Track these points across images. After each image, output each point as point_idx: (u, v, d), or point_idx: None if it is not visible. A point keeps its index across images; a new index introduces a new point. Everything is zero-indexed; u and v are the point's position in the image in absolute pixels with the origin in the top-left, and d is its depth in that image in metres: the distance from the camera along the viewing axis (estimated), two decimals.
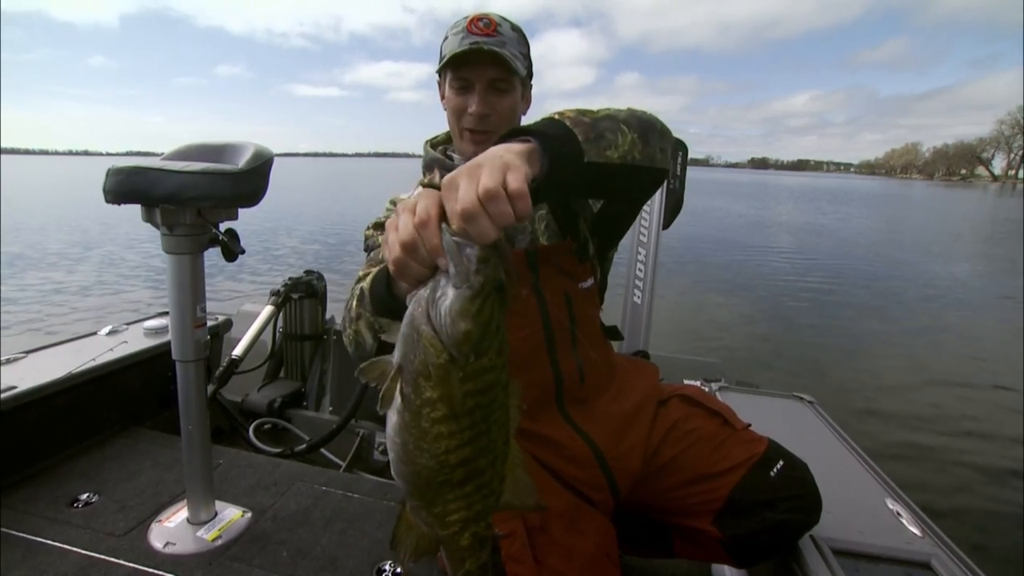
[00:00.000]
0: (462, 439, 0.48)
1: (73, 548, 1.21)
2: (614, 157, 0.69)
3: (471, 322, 0.45)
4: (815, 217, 19.32)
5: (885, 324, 5.76)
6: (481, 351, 0.46)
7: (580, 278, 1.00)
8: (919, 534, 1.05)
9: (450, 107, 0.98)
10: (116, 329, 1.94)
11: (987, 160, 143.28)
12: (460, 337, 0.45)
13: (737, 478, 0.94)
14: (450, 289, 0.45)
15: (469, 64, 0.92)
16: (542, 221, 0.99)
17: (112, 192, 1.07)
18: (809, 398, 1.67)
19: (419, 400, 0.47)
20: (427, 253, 0.48)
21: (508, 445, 0.53)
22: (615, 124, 0.71)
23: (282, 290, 2.21)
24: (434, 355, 0.46)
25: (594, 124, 0.68)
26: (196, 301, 1.18)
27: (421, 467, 0.49)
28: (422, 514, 0.53)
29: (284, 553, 1.24)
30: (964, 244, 13.21)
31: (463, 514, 0.52)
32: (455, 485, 0.50)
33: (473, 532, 0.54)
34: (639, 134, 0.73)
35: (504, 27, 0.94)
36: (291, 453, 1.79)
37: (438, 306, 0.46)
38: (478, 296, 0.45)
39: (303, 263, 8.16)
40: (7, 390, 1.42)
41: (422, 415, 0.47)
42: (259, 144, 1.17)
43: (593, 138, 0.67)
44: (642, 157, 0.73)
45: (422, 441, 0.48)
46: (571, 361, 0.97)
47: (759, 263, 9.08)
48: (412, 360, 0.47)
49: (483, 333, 0.45)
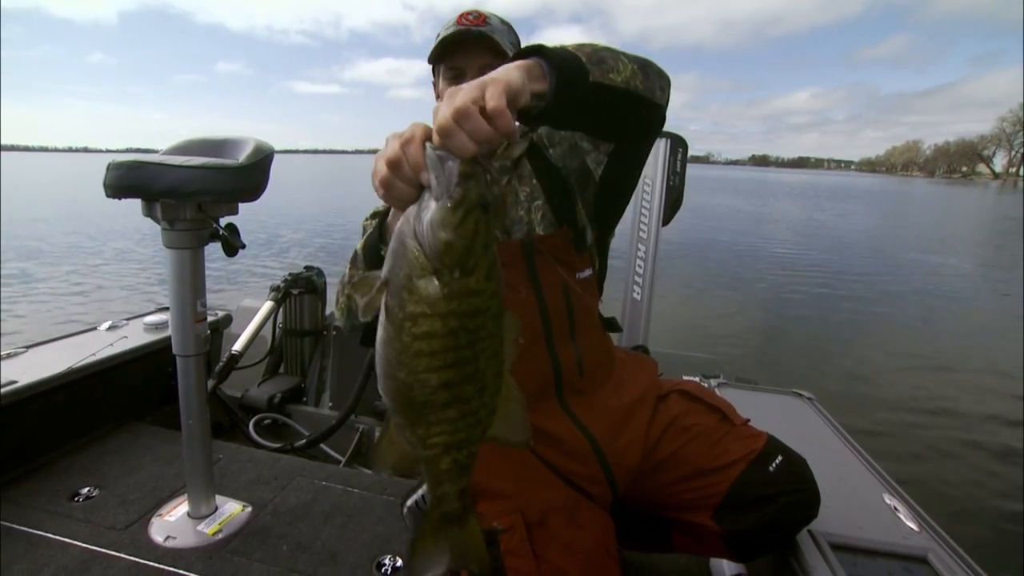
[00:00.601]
0: (445, 360, 0.48)
1: (74, 542, 1.22)
2: (617, 80, 0.70)
3: (452, 233, 0.45)
4: (815, 214, 19.33)
5: (884, 320, 5.77)
6: (466, 268, 0.46)
7: (578, 268, 1.00)
8: (916, 529, 1.05)
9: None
10: (116, 324, 1.94)
11: (988, 157, 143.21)
12: (442, 248, 0.45)
13: (736, 473, 0.95)
14: (432, 202, 0.46)
15: (459, 52, 0.93)
16: (538, 211, 0.99)
17: (112, 186, 1.07)
18: (808, 394, 1.67)
19: (402, 313, 0.47)
20: (411, 169, 0.49)
21: (500, 378, 0.52)
22: (615, 55, 0.72)
23: (282, 285, 2.21)
24: (418, 267, 0.46)
25: (595, 51, 0.69)
26: (196, 296, 1.18)
27: (400, 383, 0.50)
28: (406, 433, 0.54)
29: (284, 547, 1.24)
30: (963, 241, 13.22)
31: (445, 438, 0.53)
32: (438, 407, 0.50)
33: (454, 458, 0.54)
34: (639, 66, 0.74)
35: (493, 19, 0.95)
36: (291, 448, 1.80)
37: (421, 219, 0.46)
38: (459, 207, 0.45)
39: (303, 258, 8.18)
40: (8, 385, 1.42)
41: (404, 329, 0.47)
42: (259, 139, 1.17)
43: (596, 61, 0.68)
44: (643, 88, 0.74)
45: (403, 355, 0.48)
46: (570, 352, 0.97)
47: (758, 259, 9.09)
48: (398, 273, 0.47)
49: (467, 247, 0.45)
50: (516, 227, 0.98)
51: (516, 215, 0.99)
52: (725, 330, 5.21)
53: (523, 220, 0.98)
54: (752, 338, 5.03)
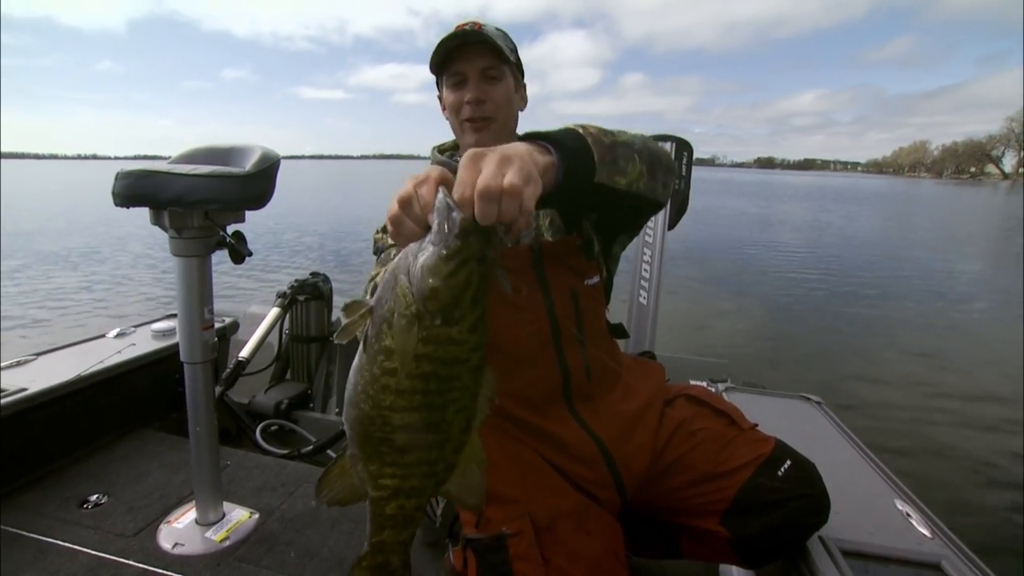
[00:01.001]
0: (410, 402, 0.48)
1: (83, 549, 1.22)
2: (621, 183, 0.73)
3: (441, 280, 0.45)
4: (821, 215, 19.23)
5: (894, 323, 5.72)
6: (450, 317, 0.46)
7: (586, 275, 1.00)
8: (929, 535, 1.04)
9: (448, 106, 1.00)
10: (124, 331, 1.95)
11: (997, 158, 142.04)
12: (428, 293, 0.45)
13: (744, 478, 0.94)
14: (430, 246, 0.46)
15: (460, 57, 0.96)
16: (547, 217, 0.99)
17: (121, 195, 1.08)
18: (816, 398, 1.66)
19: (377, 345, 0.47)
20: (420, 209, 0.50)
21: (467, 434, 0.52)
22: (630, 152, 0.74)
23: (288, 292, 2.22)
24: (403, 305, 0.46)
25: (612, 147, 0.71)
26: (204, 303, 1.19)
27: (363, 413, 0.49)
28: (358, 466, 0.53)
29: (292, 554, 1.24)
30: (974, 241, 13.09)
31: (396, 482, 0.52)
32: (395, 448, 0.50)
33: (401, 505, 0.54)
34: (647, 166, 0.76)
35: (489, 27, 0.97)
36: (298, 454, 1.80)
37: (417, 259, 0.47)
38: (453, 257, 0.45)
39: (309, 264, 8.21)
40: (18, 392, 1.43)
41: (376, 361, 0.47)
42: (266, 147, 1.18)
43: (608, 160, 0.70)
44: (645, 188, 0.77)
45: (369, 387, 0.48)
46: (578, 357, 0.98)
47: (765, 262, 9.05)
48: (383, 305, 0.48)
49: (454, 297, 0.45)
50: (524, 233, 0.99)
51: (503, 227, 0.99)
52: (732, 333, 5.18)
53: (531, 226, 0.99)
54: (759, 341, 5.00)
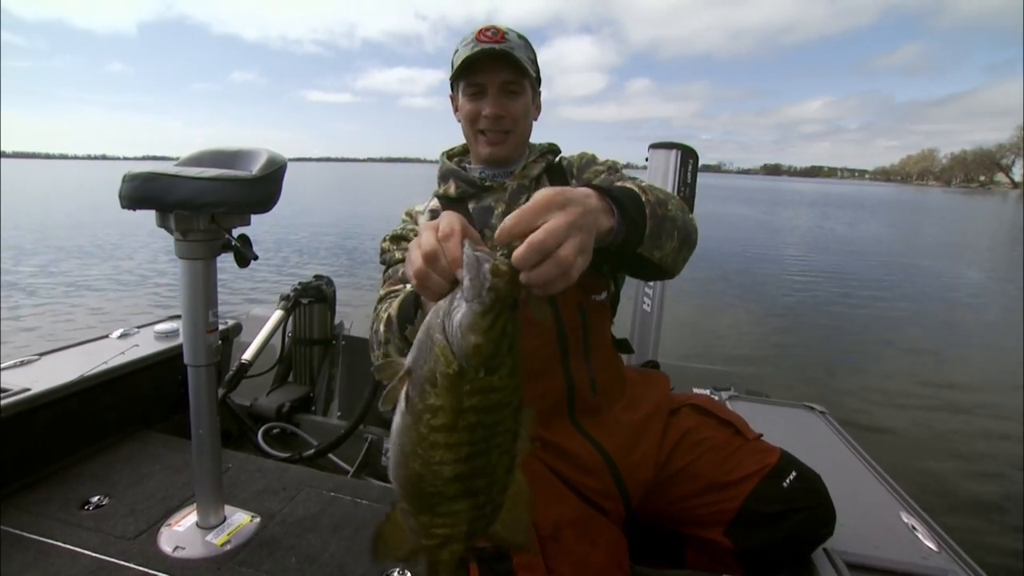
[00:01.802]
0: (459, 453, 0.48)
1: (84, 551, 1.22)
2: (655, 256, 0.74)
3: (482, 336, 0.45)
4: (826, 223, 19.19)
5: (899, 331, 5.70)
6: (492, 368, 0.46)
7: (594, 291, 1.00)
8: (935, 549, 1.03)
9: (464, 114, 1.00)
10: (128, 332, 1.96)
11: (1007, 166, 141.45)
12: (470, 350, 0.45)
13: (749, 488, 0.93)
14: (464, 303, 0.46)
15: (481, 69, 0.94)
16: None
17: (128, 198, 1.08)
18: (821, 408, 1.65)
19: (422, 405, 0.48)
20: (447, 264, 0.50)
21: (511, 475, 0.53)
22: (672, 228, 0.76)
23: (291, 295, 2.22)
24: (444, 364, 0.46)
25: (662, 221, 0.73)
26: (208, 306, 1.19)
27: (413, 472, 0.50)
28: (409, 520, 0.54)
29: (292, 559, 1.24)
30: (981, 251, 13.03)
31: (448, 531, 0.53)
32: (447, 499, 0.51)
33: (453, 550, 0.54)
34: (680, 242, 0.78)
35: (511, 35, 0.96)
36: (299, 458, 1.80)
37: (452, 317, 0.47)
38: (490, 312, 0.45)
39: (317, 264, 8.24)
40: (21, 392, 1.43)
41: (422, 420, 0.48)
42: (272, 150, 1.18)
43: (655, 234, 0.71)
44: (670, 263, 0.79)
45: (418, 446, 0.49)
46: (583, 371, 0.98)
47: (770, 269, 9.03)
48: (422, 366, 0.48)
49: (495, 349, 0.46)
50: None
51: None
52: (736, 341, 5.17)
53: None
54: (764, 349, 4.98)
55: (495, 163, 1.04)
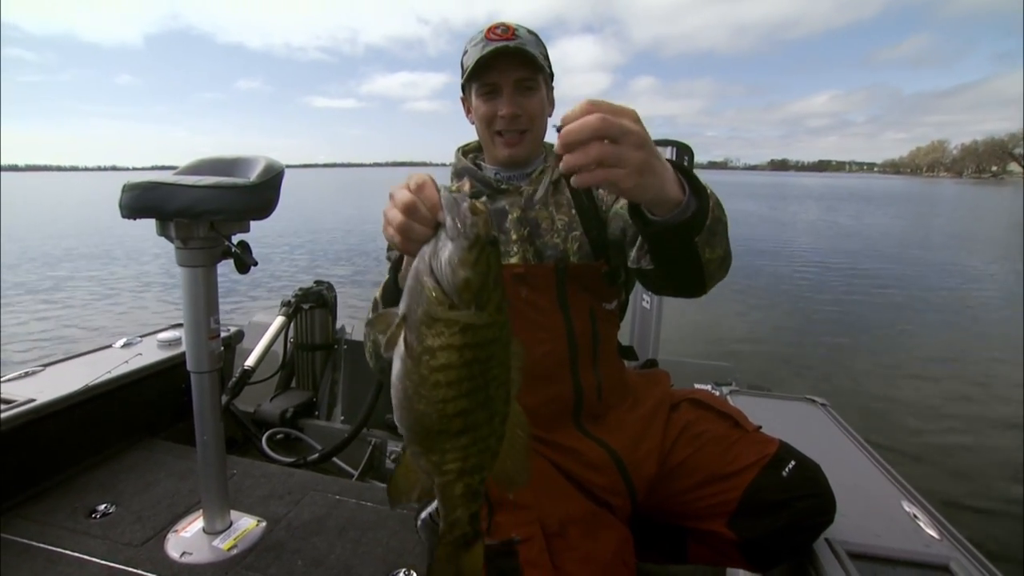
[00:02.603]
0: (460, 390, 0.50)
1: (92, 559, 1.23)
2: (705, 254, 0.72)
3: (470, 270, 0.48)
4: (832, 216, 19.13)
5: (903, 322, 5.70)
6: (481, 303, 0.48)
7: (606, 299, 1.01)
8: (937, 537, 1.03)
9: (479, 116, 0.99)
10: (131, 341, 1.97)
11: (1020, 155, 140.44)
12: (461, 285, 0.48)
13: (750, 478, 0.94)
14: (448, 242, 0.49)
15: (494, 68, 0.93)
16: (575, 241, 0.99)
17: (128, 207, 1.09)
18: (822, 400, 1.65)
19: (420, 347, 0.50)
20: (427, 211, 0.52)
21: (508, 405, 0.55)
22: (725, 235, 0.74)
23: (293, 300, 2.22)
24: (436, 304, 0.48)
25: (719, 222, 0.71)
26: (210, 313, 1.20)
27: (420, 413, 0.52)
28: (421, 461, 0.56)
29: (299, 562, 1.24)
30: (992, 242, 12.97)
31: (458, 464, 0.55)
32: (452, 435, 0.53)
33: (467, 483, 0.57)
34: (723, 255, 0.76)
35: (521, 31, 0.95)
36: (304, 462, 1.80)
37: (439, 257, 0.49)
38: (475, 246, 0.48)
39: (316, 272, 8.25)
40: (27, 403, 1.44)
41: (422, 363, 0.50)
42: (270, 158, 1.19)
43: (710, 231, 0.69)
44: (711, 272, 0.76)
45: (421, 388, 0.51)
46: (591, 378, 0.99)
47: (773, 263, 9.02)
48: (416, 310, 0.50)
49: (482, 283, 0.48)
50: (550, 252, 0.99)
51: (551, 241, 0.99)
52: (738, 336, 5.16)
53: (558, 247, 0.99)
54: (765, 344, 4.98)
55: (513, 165, 1.03)
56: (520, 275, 0.94)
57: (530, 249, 0.98)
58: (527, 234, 0.99)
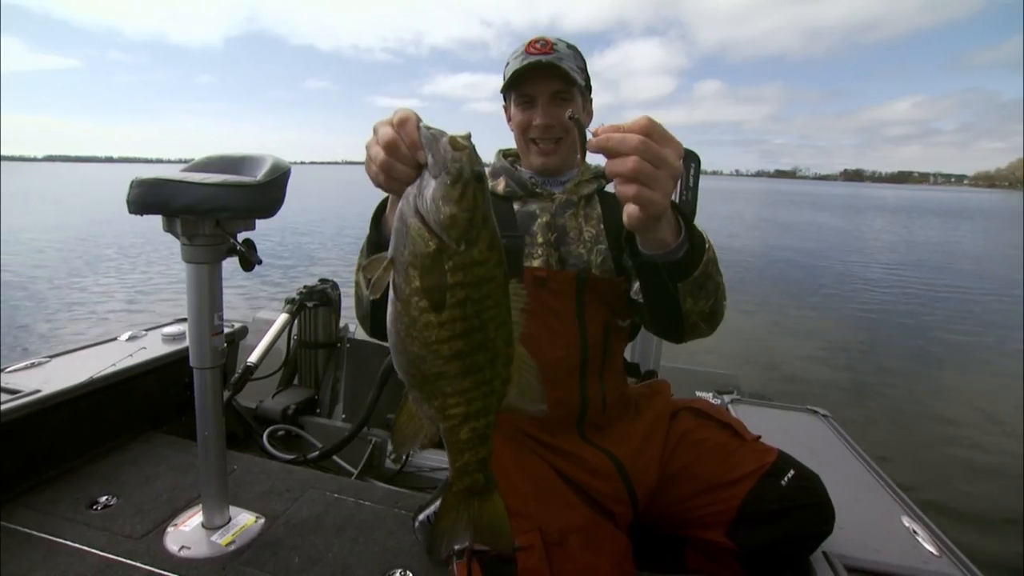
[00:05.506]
0: (453, 330, 0.49)
1: (92, 550, 1.24)
2: (687, 305, 0.74)
3: (455, 206, 0.47)
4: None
5: (909, 334, 5.65)
6: (470, 239, 0.47)
7: (621, 316, 1.02)
8: (936, 553, 1.03)
9: (515, 124, 1.03)
10: (136, 335, 1.98)
11: None
12: (447, 221, 0.47)
13: (748, 487, 0.94)
14: (432, 179, 0.48)
15: (530, 80, 0.98)
16: (599, 255, 1.01)
17: (135, 203, 1.10)
18: (824, 411, 1.65)
19: (408, 289, 0.49)
20: (408, 149, 0.51)
21: (511, 347, 0.54)
22: (713, 292, 0.76)
23: (297, 298, 2.24)
24: (422, 243, 0.47)
25: (709, 278, 0.73)
26: (214, 309, 1.20)
27: (414, 356, 0.51)
28: (423, 406, 0.55)
29: (296, 559, 1.25)
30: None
31: (462, 409, 0.54)
32: (452, 378, 0.52)
33: (472, 427, 0.55)
34: (708, 312, 0.78)
35: (559, 46, 0.98)
36: (304, 460, 1.81)
37: (423, 195, 0.48)
38: (458, 181, 0.47)
39: (321, 270, 8.29)
40: (33, 393, 1.46)
41: (411, 304, 0.49)
42: (277, 157, 1.20)
43: (699, 283, 0.71)
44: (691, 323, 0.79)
45: (412, 329, 0.50)
46: (597, 389, 1.00)
47: (793, 272, 8.96)
48: (403, 251, 0.49)
49: (470, 218, 0.47)
50: (573, 261, 1.00)
51: (576, 251, 1.01)
52: (742, 345, 5.14)
53: (582, 257, 1.01)
54: (769, 353, 4.95)
55: (546, 172, 1.06)
56: (542, 279, 0.96)
57: (554, 255, 1.01)
58: (553, 239, 1.01)
